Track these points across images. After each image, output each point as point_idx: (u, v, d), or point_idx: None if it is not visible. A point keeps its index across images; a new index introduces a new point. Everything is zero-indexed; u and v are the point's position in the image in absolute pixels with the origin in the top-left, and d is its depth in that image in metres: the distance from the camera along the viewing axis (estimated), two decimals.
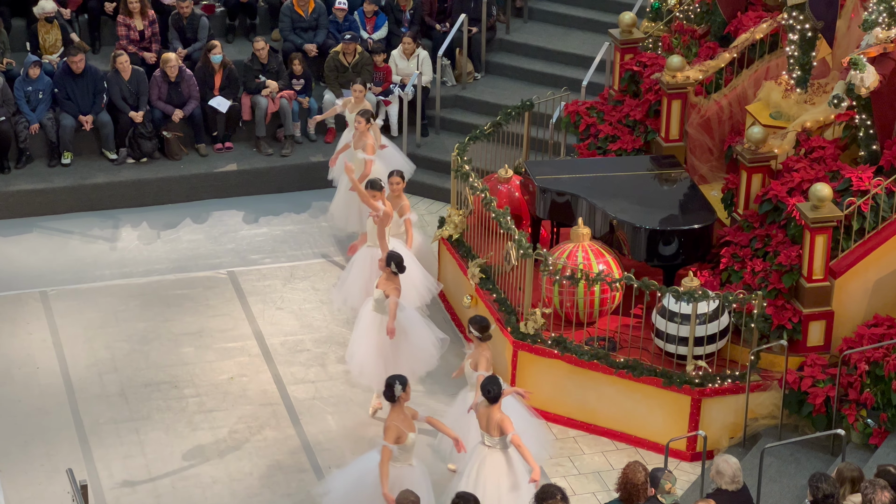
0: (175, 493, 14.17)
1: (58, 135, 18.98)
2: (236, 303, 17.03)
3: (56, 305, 16.90)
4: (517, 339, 15.23)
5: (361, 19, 20.52)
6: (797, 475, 13.95)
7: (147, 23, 19.76)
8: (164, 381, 15.70)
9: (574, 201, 15.93)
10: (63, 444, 14.73)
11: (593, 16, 21.23)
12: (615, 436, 14.99)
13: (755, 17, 17.38)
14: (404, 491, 11.69)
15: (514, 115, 17.64)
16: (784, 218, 15.04)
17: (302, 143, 19.82)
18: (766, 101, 16.41)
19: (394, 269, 14.57)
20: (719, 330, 14.68)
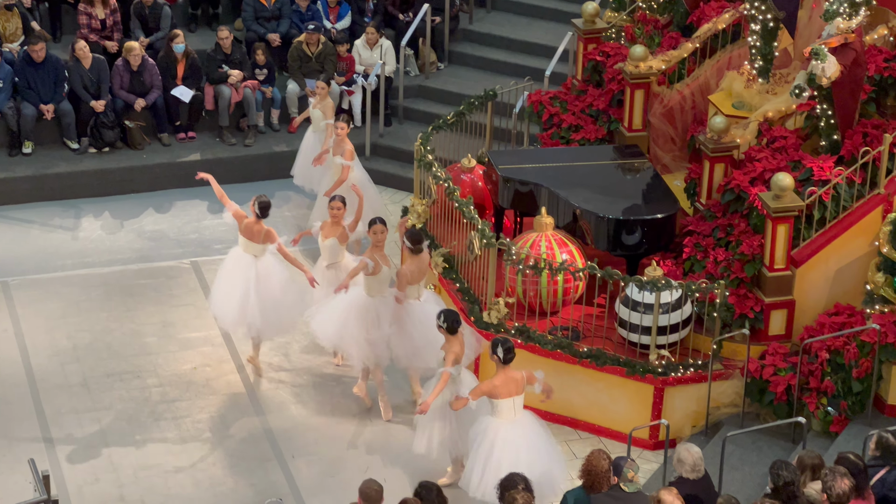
0: (137, 483, 14.13)
1: (18, 124, 18.88)
2: (199, 293, 16.98)
3: (17, 295, 16.82)
4: (480, 328, 15.24)
5: (325, 9, 20.48)
6: (759, 463, 14.02)
7: (108, 11, 19.67)
8: (127, 371, 15.66)
9: (537, 191, 15.95)
10: (24, 435, 14.66)
11: (556, 6, 21.26)
12: (578, 425, 15.03)
13: (717, 7, 17.43)
14: (367, 480, 11.69)
15: (477, 105, 17.65)
16: (746, 207, 15.10)
17: (265, 133, 19.78)
18: (729, 91, 16.46)
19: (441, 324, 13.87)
20: (682, 319, 14.73)
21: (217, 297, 15.33)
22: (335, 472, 14.38)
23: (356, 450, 14.70)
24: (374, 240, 14.70)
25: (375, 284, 14.62)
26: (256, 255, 15.10)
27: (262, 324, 15.14)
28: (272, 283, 15.09)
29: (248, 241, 15.10)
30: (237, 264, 15.20)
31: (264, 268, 15.10)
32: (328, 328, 14.83)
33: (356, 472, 14.17)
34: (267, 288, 15.07)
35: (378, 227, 14.75)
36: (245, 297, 15.04)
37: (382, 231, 14.76)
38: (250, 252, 15.12)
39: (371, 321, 14.67)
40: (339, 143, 17.06)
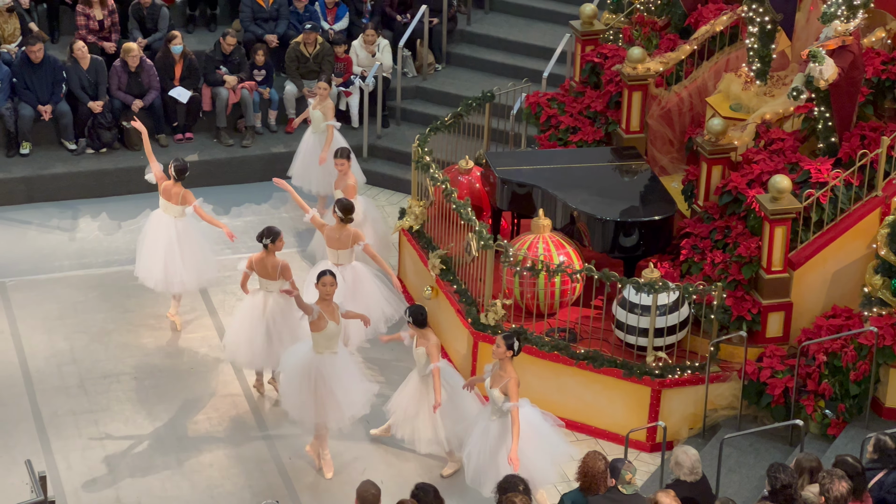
0: (135, 485, 14.13)
1: (16, 124, 18.87)
2: (197, 294, 16.96)
3: (14, 296, 16.80)
4: (477, 329, 15.24)
5: (322, 10, 20.48)
6: (756, 465, 14.02)
7: (106, 12, 19.66)
8: (124, 373, 15.65)
9: (535, 192, 15.94)
10: (21, 436, 14.65)
11: (554, 7, 21.25)
12: (575, 427, 15.02)
13: (715, 9, 17.44)
14: (364, 482, 11.68)
15: (475, 107, 17.65)
16: (744, 209, 15.10)
17: (263, 134, 19.77)
18: (726, 93, 16.47)
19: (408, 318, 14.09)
20: (679, 321, 14.73)
21: (142, 259, 16.02)
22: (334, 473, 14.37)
23: (355, 452, 14.68)
24: (322, 292, 13.76)
25: (322, 340, 13.74)
26: (175, 216, 15.82)
27: (186, 278, 15.88)
28: (192, 240, 15.90)
29: (167, 203, 15.85)
30: (158, 226, 15.93)
31: (183, 227, 15.86)
32: (285, 390, 14.35)
33: (354, 474, 14.17)
34: (188, 244, 15.84)
35: (328, 278, 13.82)
36: (168, 256, 15.79)
37: (332, 284, 13.81)
38: (170, 213, 15.86)
39: (314, 380, 13.88)
40: (340, 178, 16.55)
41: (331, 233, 15.24)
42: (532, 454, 13.12)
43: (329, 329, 13.69)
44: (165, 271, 15.83)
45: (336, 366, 13.86)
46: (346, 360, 14.13)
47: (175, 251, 15.81)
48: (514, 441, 12.87)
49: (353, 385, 13.98)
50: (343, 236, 15.21)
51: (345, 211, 15.13)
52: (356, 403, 14.01)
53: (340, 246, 15.25)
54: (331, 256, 15.34)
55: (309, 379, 13.81)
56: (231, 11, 20.86)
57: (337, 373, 13.81)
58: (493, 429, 13.24)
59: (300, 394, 13.91)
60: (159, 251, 15.82)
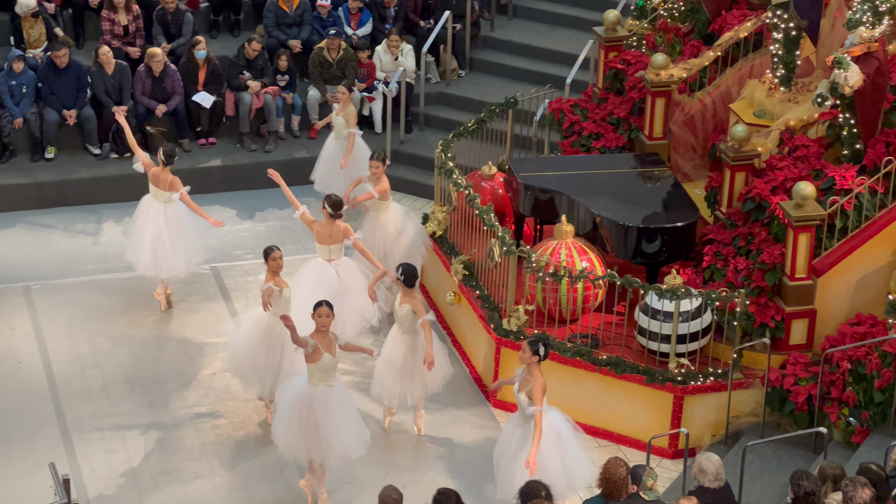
0: (157, 488, 14.15)
1: (41, 129, 18.95)
2: (219, 299, 17.01)
3: (39, 300, 16.86)
4: (500, 335, 15.24)
5: (346, 15, 20.51)
6: (779, 473, 13.99)
7: (131, 18, 19.73)
8: (147, 377, 15.68)
9: (557, 198, 15.94)
10: (45, 439, 14.70)
11: (578, 13, 21.25)
12: (597, 433, 15.01)
13: (739, 15, 17.40)
14: (386, 487, 11.68)
15: (498, 113, 17.65)
16: (767, 216, 15.07)
17: (286, 140, 19.81)
18: (750, 100, 16.43)
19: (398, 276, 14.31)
20: (702, 328, 14.71)
21: (131, 244, 16.37)
22: (354, 478, 14.38)
23: (375, 456, 14.68)
24: (319, 324, 13.39)
25: (316, 373, 13.40)
26: (164, 202, 16.16)
27: (174, 262, 16.18)
28: (181, 225, 16.21)
29: (157, 189, 16.19)
30: (147, 211, 16.29)
31: (172, 212, 16.20)
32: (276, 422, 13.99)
33: (375, 479, 14.16)
34: (177, 230, 16.17)
35: (323, 310, 13.41)
36: (157, 241, 16.12)
37: (328, 315, 13.40)
38: (159, 199, 16.22)
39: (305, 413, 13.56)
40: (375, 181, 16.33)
41: (321, 229, 15.31)
42: (550, 464, 13.09)
43: (324, 361, 13.35)
44: (154, 256, 16.17)
45: (329, 400, 13.48)
46: (342, 396, 13.69)
47: (164, 236, 16.13)
48: (534, 445, 12.86)
49: (346, 423, 13.55)
50: (333, 232, 15.27)
51: (334, 206, 15.19)
52: (347, 443, 13.57)
53: (331, 241, 15.29)
54: (321, 252, 15.38)
55: (300, 411, 13.45)
56: (255, 17, 20.92)
57: (329, 407, 13.44)
58: (520, 432, 13.23)
59: (290, 426, 13.53)
60: (148, 236, 16.18)
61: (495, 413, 15.37)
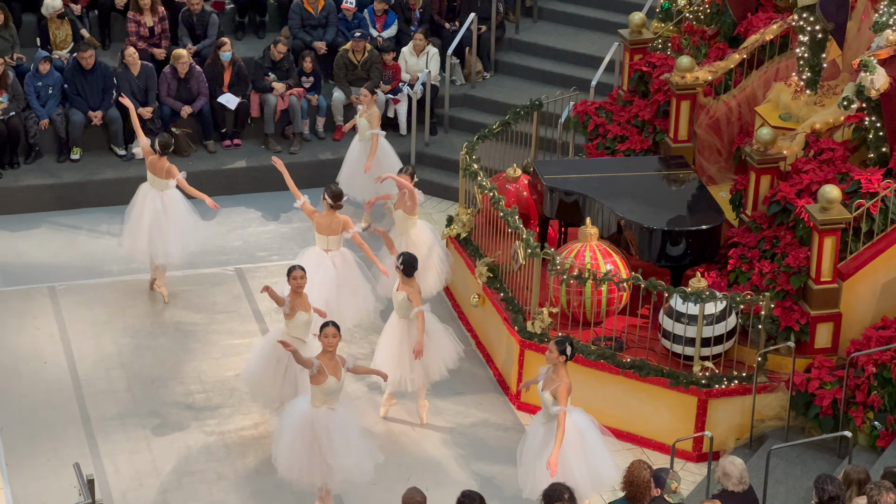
0: (181, 489, 14.18)
1: (67, 130, 19.02)
2: (243, 300, 17.04)
3: (64, 300, 16.92)
4: (524, 338, 15.23)
5: (371, 17, 20.53)
6: (803, 477, 13.95)
7: (157, 19, 19.78)
8: (171, 377, 15.72)
9: (582, 201, 15.93)
10: (70, 439, 14.74)
11: (603, 16, 21.23)
12: (621, 436, 14.97)
13: (765, 18, 17.36)
14: (410, 489, 11.68)
15: (522, 115, 17.65)
16: (792, 219, 15.03)
17: (310, 141, 19.83)
18: (776, 103, 16.39)
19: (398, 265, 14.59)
20: (726, 331, 14.67)
21: (128, 231, 16.61)
22: (378, 479, 14.37)
23: (399, 458, 14.70)
24: (325, 344, 13.18)
25: (320, 395, 13.21)
26: (162, 190, 16.44)
27: (171, 249, 16.43)
28: (178, 212, 16.49)
29: (154, 177, 16.48)
30: (144, 199, 16.56)
31: (170, 200, 16.49)
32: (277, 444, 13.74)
33: (399, 481, 14.16)
34: (174, 217, 16.45)
35: (330, 329, 13.21)
36: (154, 228, 16.39)
37: (335, 335, 13.20)
38: (157, 187, 16.48)
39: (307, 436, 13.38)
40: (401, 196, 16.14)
41: (321, 219, 15.52)
42: (573, 463, 13.08)
43: (328, 384, 13.13)
44: (150, 243, 16.43)
45: (331, 424, 13.27)
46: (346, 419, 13.41)
47: (161, 223, 16.40)
48: (556, 446, 12.85)
49: (347, 448, 13.32)
50: (333, 223, 15.47)
51: (334, 197, 15.38)
52: (347, 469, 13.35)
53: (330, 232, 15.48)
54: (320, 243, 15.59)
55: (302, 434, 13.27)
56: (280, 18, 20.95)
57: (330, 431, 13.24)
58: (544, 431, 13.23)
59: (291, 449, 13.32)
60: (144, 223, 16.42)
61: (519, 415, 15.36)
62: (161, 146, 16.40)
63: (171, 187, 16.49)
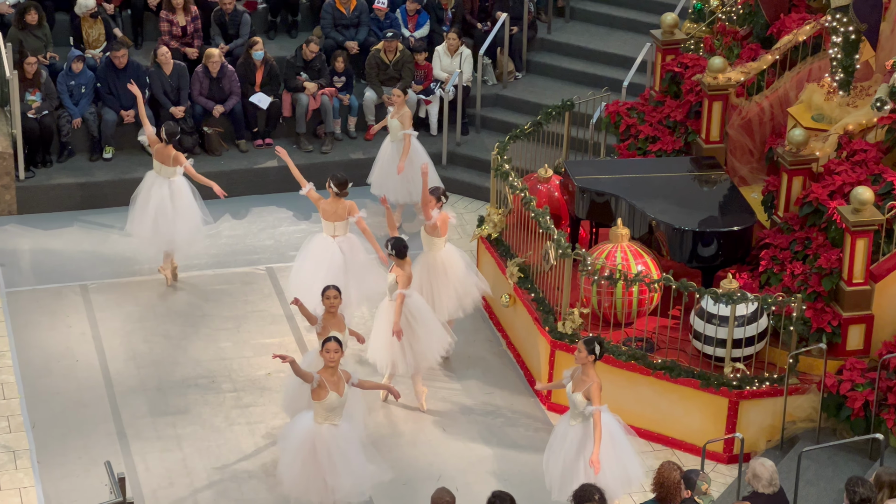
0: (211, 487, 14.22)
1: (100, 129, 19.09)
2: (274, 299, 17.07)
3: (96, 299, 16.98)
4: (555, 338, 15.22)
5: (403, 17, 20.54)
6: (835, 479, 13.89)
7: (189, 18, 19.84)
8: (202, 376, 15.76)
9: (613, 202, 15.90)
10: (101, 437, 14.80)
11: (635, 16, 21.18)
12: (651, 437, 14.96)
13: (798, 18, 17.30)
14: (439, 489, 11.68)
15: (554, 115, 17.64)
16: (825, 221, 14.97)
17: (342, 141, 19.85)
18: (808, 104, 16.33)
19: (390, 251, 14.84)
20: (758, 332, 14.63)
21: (134, 218, 16.87)
22: (408, 479, 14.40)
23: (430, 458, 14.70)
24: (327, 359, 13.07)
25: (321, 410, 13.08)
26: (169, 177, 16.68)
27: (175, 236, 16.71)
28: (184, 199, 16.71)
29: (161, 165, 16.71)
30: (151, 185, 16.80)
31: (176, 187, 16.72)
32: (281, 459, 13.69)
33: (429, 480, 14.18)
34: (180, 203, 16.68)
35: (332, 344, 13.14)
36: (160, 214, 16.65)
37: (336, 350, 13.11)
38: (163, 175, 16.72)
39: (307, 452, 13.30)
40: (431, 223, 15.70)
41: (326, 206, 15.79)
42: (604, 463, 13.06)
43: (329, 400, 13.00)
44: (156, 229, 16.68)
45: (333, 441, 13.14)
46: (347, 437, 13.27)
47: (168, 209, 16.64)
48: (597, 444, 12.84)
49: (346, 467, 13.17)
50: (339, 209, 15.73)
51: (339, 185, 15.63)
52: (343, 489, 13.19)
53: (336, 218, 15.76)
54: (326, 229, 15.85)
55: (304, 450, 13.17)
56: (312, 18, 20.99)
57: (331, 449, 13.12)
58: (572, 433, 13.21)
59: (294, 466, 13.25)
60: (151, 210, 16.68)
61: (549, 416, 15.35)
62: (168, 134, 16.60)
63: (178, 174, 16.72)
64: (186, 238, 16.92)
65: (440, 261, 15.69)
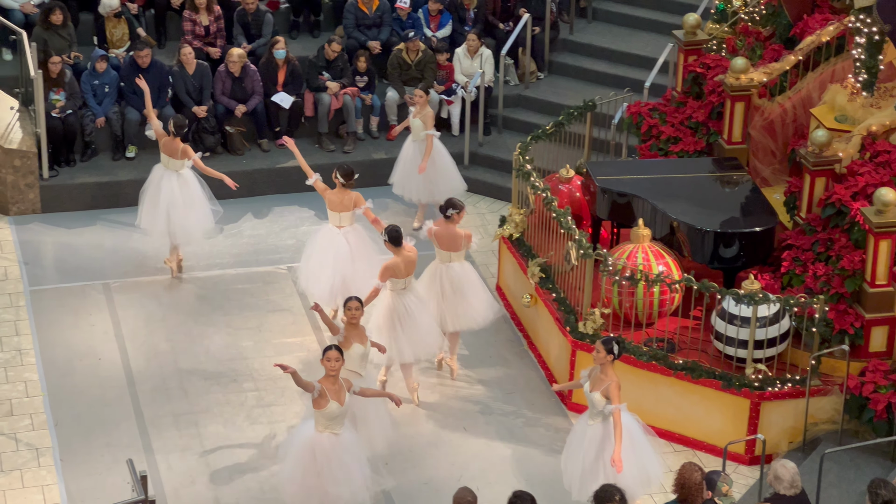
0: (233, 486, 14.25)
1: (123, 128, 19.15)
2: (296, 298, 17.10)
3: (118, 297, 17.04)
4: (576, 338, 15.22)
5: (426, 17, 20.55)
6: (857, 481, 13.87)
7: (212, 18, 19.89)
8: (224, 375, 15.80)
9: (635, 202, 15.89)
10: (123, 435, 14.85)
11: (657, 17, 21.16)
12: (673, 438, 14.95)
13: (821, 19, 17.26)
14: (461, 489, 11.69)
15: (576, 116, 17.64)
16: (847, 222, 14.94)
17: (364, 140, 19.87)
18: (832, 105, 16.30)
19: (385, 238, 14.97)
20: (780, 333, 14.61)
21: (145, 212, 17.01)
22: (429, 479, 14.41)
23: (450, 458, 14.71)
24: (328, 368, 12.95)
25: (322, 419, 13.02)
26: (177, 170, 16.82)
27: (187, 227, 16.90)
28: (193, 191, 16.89)
29: (169, 158, 16.86)
30: (160, 179, 16.93)
31: (184, 180, 16.88)
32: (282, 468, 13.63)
33: (450, 481, 14.19)
34: (189, 195, 16.86)
35: (332, 353, 12.97)
36: (171, 207, 16.80)
37: (337, 359, 12.96)
38: (171, 168, 16.86)
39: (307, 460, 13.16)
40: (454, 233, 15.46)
41: (333, 196, 15.94)
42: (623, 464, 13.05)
43: (330, 409, 12.90)
44: (168, 222, 16.83)
45: (333, 451, 13.04)
46: (348, 447, 13.15)
47: (178, 203, 16.79)
48: (618, 443, 12.84)
49: (346, 477, 13.08)
50: (345, 200, 15.89)
51: (345, 176, 15.81)
52: (342, 499, 13.08)
53: (342, 209, 15.91)
54: (332, 219, 16.01)
55: (304, 460, 13.08)
56: (334, 18, 21.00)
57: (331, 459, 13.02)
58: (591, 433, 13.21)
59: (294, 475, 13.17)
60: (162, 204, 16.80)
61: (570, 416, 15.35)
62: (175, 127, 16.70)
63: (186, 167, 16.85)
64: (197, 229, 17.06)
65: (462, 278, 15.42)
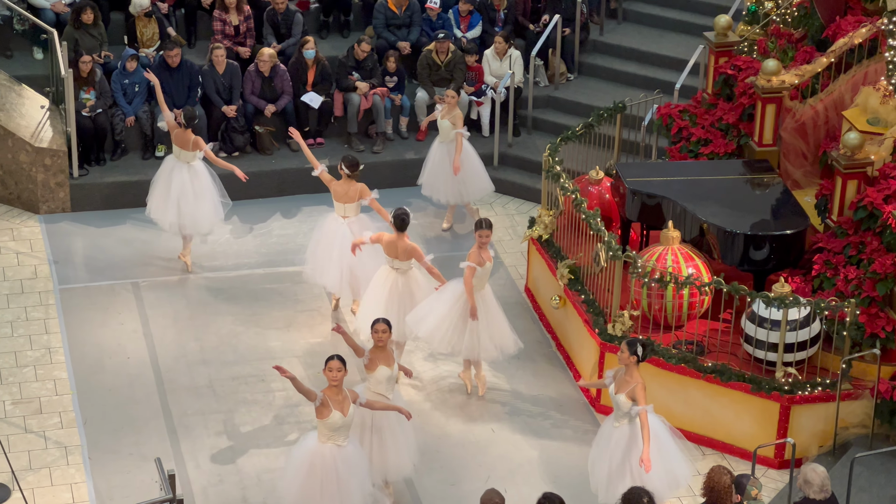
0: (261, 486, 14.26)
1: (152, 128, 19.19)
2: (324, 298, 17.10)
3: (147, 296, 17.07)
4: (604, 340, 15.18)
5: (456, 18, 20.53)
6: (887, 485, 13.80)
7: (242, 18, 19.91)
8: (252, 375, 15.81)
9: (664, 204, 15.84)
10: (152, 434, 14.87)
11: (688, 18, 21.11)
12: (702, 441, 14.89)
13: (854, 21, 17.17)
14: (489, 490, 11.67)
15: (606, 117, 17.59)
16: (879, 225, 14.86)
17: (394, 140, 19.87)
18: (864, 107, 16.21)
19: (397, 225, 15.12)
20: (810, 337, 14.54)
21: (155, 202, 17.16)
22: (456, 480, 14.39)
23: (478, 459, 14.69)
24: (330, 378, 12.84)
25: (325, 430, 12.88)
26: (188, 162, 16.96)
27: (198, 219, 17.02)
28: (204, 182, 17.00)
29: (181, 149, 16.99)
30: (171, 171, 17.08)
31: (195, 171, 17.00)
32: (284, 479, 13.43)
33: (478, 481, 14.17)
34: (199, 187, 16.96)
35: (335, 363, 12.85)
36: (181, 198, 16.93)
37: (339, 369, 12.83)
38: (183, 159, 16.99)
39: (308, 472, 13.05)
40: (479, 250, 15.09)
41: (338, 187, 16.16)
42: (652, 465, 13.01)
43: (333, 419, 12.74)
44: (179, 213, 16.97)
45: (336, 463, 12.88)
46: (352, 459, 12.98)
47: (189, 194, 16.93)
48: (646, 443, 12.79)
49: (347, 491, 12.91)
50: (350, 191, 16.09)
51: (351, 167, 16.03)
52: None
53: (347, 200, 16.15)
54: (338, 210, 16.25)
55: (307, 471, 12.97)
56: (364, 18, 21.01)
57: (334, 471, 12.87)
58: (618, 435, 13.17)
59: (296, 486, 13.02)
60: (173, 195, 16.94)
61: (598, 417, 15.31)
62: (186, 119, 16.85)
63: (197, 159, 16.98)
64: (206, 221, 17.17)
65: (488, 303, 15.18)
